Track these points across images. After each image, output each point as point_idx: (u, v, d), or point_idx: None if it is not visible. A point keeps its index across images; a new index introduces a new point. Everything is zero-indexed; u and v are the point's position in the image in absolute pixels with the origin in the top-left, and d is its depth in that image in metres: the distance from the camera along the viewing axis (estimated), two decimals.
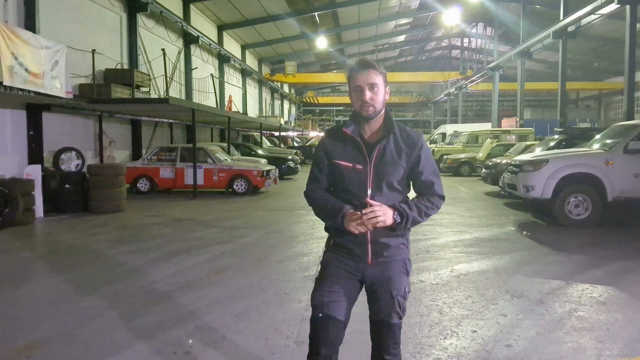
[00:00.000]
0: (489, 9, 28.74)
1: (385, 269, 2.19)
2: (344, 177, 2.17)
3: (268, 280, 5.14)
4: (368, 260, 2.17)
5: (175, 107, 12.71)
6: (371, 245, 2.16)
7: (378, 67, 2.15)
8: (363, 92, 2.11)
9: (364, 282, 2.22)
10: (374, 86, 2.11)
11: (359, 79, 2.12)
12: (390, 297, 2.17)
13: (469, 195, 13.14)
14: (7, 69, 8.19)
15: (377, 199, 2.11)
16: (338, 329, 2.17)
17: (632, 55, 13.88)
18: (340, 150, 2.19)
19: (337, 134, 2.23)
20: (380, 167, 2.13)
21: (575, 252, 6.46)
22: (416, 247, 6.73)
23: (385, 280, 2.18)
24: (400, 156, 2.15)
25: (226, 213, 10.09)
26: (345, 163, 2.16)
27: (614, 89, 36.72)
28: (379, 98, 2.13)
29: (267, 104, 37.21)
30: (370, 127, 2.19)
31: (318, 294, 2.20)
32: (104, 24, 14.14)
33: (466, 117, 46.63)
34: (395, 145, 2.16)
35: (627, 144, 8.19)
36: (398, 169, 2.15)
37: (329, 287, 2.19)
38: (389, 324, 2.18)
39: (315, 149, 2.33)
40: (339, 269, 2.21)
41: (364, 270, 2.19)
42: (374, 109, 2.12)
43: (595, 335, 3.69)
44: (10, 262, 6.20)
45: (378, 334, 2.22)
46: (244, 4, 22.29)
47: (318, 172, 2.26)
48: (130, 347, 3.49)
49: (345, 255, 2.21)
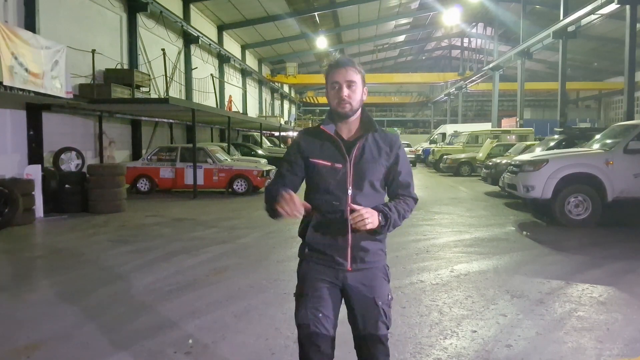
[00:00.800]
0: (489, 9, 28.74)
1: (366, 276, 2.10)
2: (323, 177, 2.08)
3: (268, 280, 5.14)
4: (348, 267, 2.08)
5: (175, 107, 12.71)
6: (351, 250, 2.07)
7: (357, 65, 2.12)
8: (341, 88, 2.06)
9: (345, 292, 2.12)
10: (352, 84, 2.07)
11: (337, 75, 2.07)
12: (374, 307, 2.07)
13: (469, 195, 13.14)
14: (7, 69, 8.20)
15: (358, 199, 2.05)
16: (328, 344, 2.08)
17: (632, 55, 13.87)
18: (318, 149, 2.11)
19: (314, 133, 2.16)
20: (360, 166, 2.06)
21: (575, 252, 6.46)
22: (416, 247, 6.73)
23: (367, 288, 2.08)
24: (381, 154, 2.10)
25: (226, 213, 10.09)
26: (324, 162, 2.08)
27: (614, 89, 36.71)
28: (357, 96, 2.08)
29: (267, 104, 37.22)
30: (348, 127, 2.13)
31: (303, 313, 2.09)
32: (104, 24, 14.14)
33: (466, 117, 46.64)
34: (375, 143, 2.10)
35: (627, 144, 8.19)
36: (378, 167, 2.10)
37: (312, 302, 2.08)
38: (377, 337, 2.08)
39: (288, 148, 2.25)
40: (319, 280, 2.10)
41: (344, 279, 2.09)
42: (350, 107, 2.07)
43: (595, 335, 3.69)
44: (10, 262, 6.20)
45: (366, 349, 2.10)
46: (244, 4, 22.29)
47: (286, 170, 2.16)
48: (130, 347, 3.49)
49: (323, 263, 2.10)
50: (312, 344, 2.06)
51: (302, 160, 2.14)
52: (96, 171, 10.24)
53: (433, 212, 9.95)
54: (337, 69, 2.08)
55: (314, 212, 2.09)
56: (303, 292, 2.12)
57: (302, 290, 2.13)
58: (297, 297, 2.16)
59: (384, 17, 29.84)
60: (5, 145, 10.38)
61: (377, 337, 2.08)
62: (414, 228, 8.25)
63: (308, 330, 2.06)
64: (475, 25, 34.66)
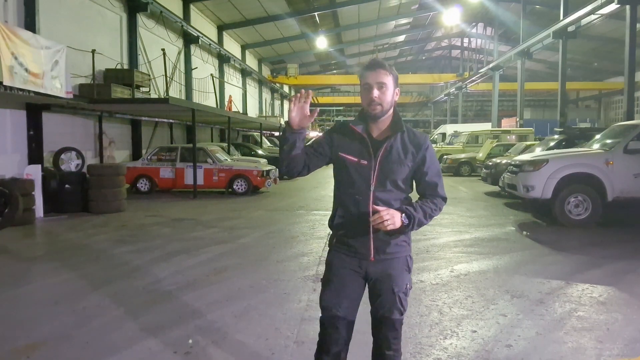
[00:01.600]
0: (489, 9, 28.75)
1: (388, 266, 2.22)
2: (349, 172, 2.20)
3: (268, 280, 5.14)
4: (371, 257, 2.20)
5: (175, 107, 12.71)
6: (374, 242, 2.18)
7: (389, 67, 2.18)
8: (371, 90, 2.14)
9: (367, 279, 2.25)
10: (383, 85, 2.15)
11: (369, 77, 2.16)
12: (392, 294, 2.20)
13: (469, 195, 13.14)
14: (7, 69, 8.20)
15: (379, 195, 2.15)
16: (348, 328, 2.25)
17: (632, 55, 13.87)
18: (347, 145, 2.22)
19: (345, 130, 2.26)
20: (385, 165, 2.15)
21: (575, 252, 6.46)
22: (416, 247, 6.73)
23: (387, 277, 2.21)
24: (407, 155, 2.19)
25: (226, 213, 10.09)
26: (351, 157, 2.19)
27: (614, 89, 36.71)
28: (387, 98, 2.16)
29: (267, 104, 37.24)
30: (378, 126, 2.22)
31: (327, 296, 2.25)
32: (104, 24, 14.14)
33: (466, 117, 46.63)
34: (402, 144, 2.20)
35: (627, 144, 8.19)
36: (403, 168, 2.18)
37: (336, 287, 2.23)
38: (390, 320, 2.22)
39: (322, 134, 2.33)
40: (344, 267, 2.24)
41: (367, 268, 2.22)
42: (381, 108, 2.15)
43: (595, 335, 3.69)
44: (10, 262, 6.20)
45: (379, 330, 2.25)
46: (244, 4, 22.29)
47: (309, 149, 2.24)
48: (130, 347, 3.49)
49: (349, 253, 2.24)
50: (332, 326, 2.23)
51: (328, 148, 2.25)
52: (96, 171, 10.24)
53: None
54: (369, 71, 2.17)
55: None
56: (328, 278, 2.28)
57: (327, 276, 2.29)
58: (323, 282, 2.32)
59: (384, 17, 29.84)
60: (5, 145, 10.38)
61: (390, 320, 2.22)
62: None
63: (330, 312, 2.23)
64: (475, 25, 34.66)
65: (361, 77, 2.20)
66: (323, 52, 34.73)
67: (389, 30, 34.66)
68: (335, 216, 2.26)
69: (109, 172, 10.25)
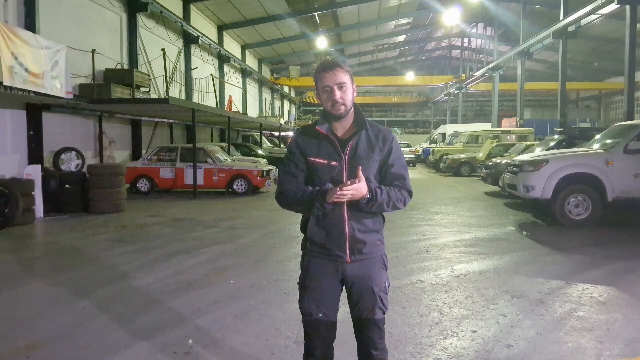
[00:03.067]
0: (489, 9, 28.73)
1: (365, 266, 2.20)
2: (319, 174, 2.17)
3: (268, 280, 5.14)
4: (347, 259, 2.18)
5: (175, 107, 12.71)
6: (349, 243, 2.16)
7: (344, 65, 2.17)
8: (333, 91, 2.13)
9: (345, 282, 2.23)
10: (343, 85, 2.13)
11: (327, 79, 2.13)
12: (372, 294, 2.20)
13: (469, 195, 13.14)
14: (7, 69, 8.20)
15: None
16: (331, 329, 2.25)
17: (632, 55, 13.87)
18: (315, 148, 2.19)
19: (310, 133, 2.23)
20: (355, 162, 2.13)
21: (575, 252, 6.46)
22: (416, 247, 6.73)
23: (366, 277, 2.20)
24: (374, 150, 2.18)
25: (226, 213, 10.09)
26: (320, 160, 2.17)
27: (614, 89, 36.70)
28: (349, 96, 2.16)
29: (267, 104, 37.23)
30: (342, 125, 2.22)
31: (306, 300, 2.24)
32: (104, 24, 14.14)
33: (466, 117, 46.61)
34: (367, 139, 2.19)
35: (627, 144, 8.19)
36: (372, 163, 2.18)
37: (314, 292, 2.22)
38: (373, 321, 2.21)
39: (288, 147, 2.31)
40: (320, 271, 2.22)
41: (343, 270, 2.20)
42: (345, 108, 2.14)
43: (595, 335, 3.69)
44: (10, 262, 6.20)
45: (363, 332, 2.24)
46: (244, 4, 22.28)
47: (294, 168, 2.21)
48: (130, 347, 3.49)
49: (324, 256, 2.21)
50: (315, 329, 2.24)
51: (302, 157, 2.21)
52: (96, 171, 10.24)
53: (433, 212, 9.95)
54: (326, 72, 2.14)
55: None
56: (305, 283, 2.26)
57: (304, 281, 2.27)
58: (300, 287, 2.29)
59: (384, 17, 29.83)
60: (5, 145, 10.38)
61: (373, 321, 2.22)
62: (414, 228, 8.25)
63: (310, 317, 2.23)
64: (475, 25, 34.64)
65: (318, 79, 2.16)
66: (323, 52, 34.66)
67: (389, 30, 34.65)
68: (309, 220, 2.21)
69: (109, 172, 10.25)
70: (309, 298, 2.22)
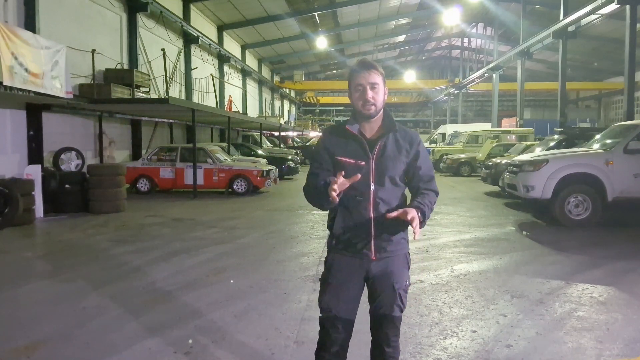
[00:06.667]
0: (489, 9, 28.73)
1: (389, 264, 2.25)
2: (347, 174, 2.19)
3: (268, 280, 5.14)
4: (372, 257, 2.22)
5: (175, 107, 12.71)
6: (374, 241, 2.21)
7: (378, 67, 2.22)
8: (365, 91, 2.17)
9: (367, 279, 2.27)
10: (375, 85, 2.18)
11: (361, 78, 2.18)
12: (392, 291, 2.23)
13: (469, 195, 13.14)
14: (7, 69, 8.20)
15: (380, 193, 2.19)
16: (348, 327, 2.27)
17: (632, 55, 13.87)
18: (342, 147, 2.23)
19: (339, 132, 2.28)
20: (382, 163, 2.19)
21: (575, 252, 6.46)
22: (416, 247, 6.73)
23: (388, 274, 2.24)
24: (401, 152, 2.23)
25: (226, 213, 10.09)
26: (348, 159, 2.21)
27: (614, 89, 36.70)
28: (380, 97, 2.20)
29: (267, 104, 37.24)
30: (371, 126, 2.26)
31: (327, 296, 2.26)
32: (104, 24, 14.14)
33: (466, 117, 46.61)
34: (396, 142, 2.24)
35: (627, 144, 8.20)
36: (399, 165, 2.23)
37: (336, 289, 2.25)
38: (391, 317, 2.24)
39: (316, 147, 2.35)
40: (345, 269, 2.25)
41: (368, 267, 2.24)
42: (375, 108, 2.19)
43: (595, 335, 3.69)
44: (10, 262, 6.20)
45: (379, 327, 2.27)
46: (244, 4, 22.28)
47: (318, 168, 2.26)
48: (130, 347, 3.49)
49: (350, 254, 2.24)
50: (332, 326, 2.25)
51: (329, 157, 2.26)
52: (96, 171, 10.23)
53: (433, 212, 9.92)
54: (361, 72, 2.19)
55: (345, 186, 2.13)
56: (328, 280, 2.28)
57: (327, 278, 2.29)
58: (322, 283, 2.32)
59: (384, 17, 29.83)
60: (5, 145, 10.38)
61: (391, 317, 2.25)
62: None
63: (329, 313, 2.25)
64: (475, 25, 34.64)
65: (352, 78, 2.21)
66: (323, 52, 34.71)
67: (389, 30, 34.65)
68: (335, 218, 2.26)
69: (109, 172, 10.25)
70: (330, 295, 2.25)
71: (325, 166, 2.25)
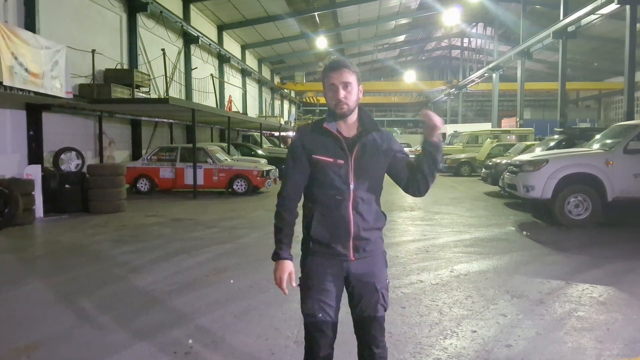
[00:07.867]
0: (489, 9, 28.74)
1: (368, 264, 2.22)
2: (326, 173, 2.17)
3: (268, 280, 5.13)
4: (351, 257, 2.19)
5: (175, 107, 12.71)
6: (353, 241, 2.18)
7: (351, 66, 2.19)
8: (337, 90, 2.15)
9: (348, 280, 2.24)
10: (348, 85, 2.15)
11: (333, 77, 2.15)
12: (375, 291, 2.21)
13: (469, 195, 13.14)
14: (7, 69, 8.20)
15: (360, 193, 2.17)
16: (333, 329, 2.23)
17: (632, 55, 13.88)
18: (320, 146, 2.19)
19: (317, 130, 2.23)
20: (362, 162, 2.17)
21: (575, 252, 6.46)
22: (416, 247, 6.73)
23: (369, 275, 2.21)
24: (380, 150, 2.21)
25: (226, 213, 10.09)
26: (326, 158, 2.17)
27: (614, 89, 36.70)
28: (353, 97, 2.17)
29: (267, 104, 37.24)
30: (348, 125, 2.22)
31: (310, 302, 2.21)
32: (104, 24, 14.14)
33: (466, 117, 46.64)
34: (373, 141, 2.21)
35: (627, 144, 8.19)
36: (379, 164, 2.22)
37: (318, 292, 2.20)
38: (376, 318, 2.22)
39: (292, 144, 2.30)
40: (324, 271, 2.21)
41: (347, 268, 2.21)
42: (347, 107, 2.16)
43: (595, 335, 3.69)
44: (10, 262, 6.20)
45: (366, 330, 2.24)
46: (244, 4, 22.27)
47: (291, 169, 2.24)
48: (130, 347, 3.49)
49: (328, 255, 2.20)
50: (319, 330, 2.21)
51: (305, 156, 2.20)
52: (96, 171, 10.23)
53: (433, 212, 9.94)
54: (333, 71, 2.16)
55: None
56: (308, 284, 2.23)
57: (307, 282, 2.24)
58: (302, 289, 2.26)
59: (384, 17, 29.83)
60: (5, 145, 10.38)
61: (376, 318, 2.22)
62: (413, 228, 8.25)
63: (314, 319, 2.21)
64: (475, 25, 34.66)
65: (325, 77, 2.18)
66: (323, 52, 34.71)
67: (389, 30, 34.65)
68: (312, 218, 2.19)
69: (109, 172, 10.25)
70: (313, 299, 2.20)
71: (299, 166, 2.21)
